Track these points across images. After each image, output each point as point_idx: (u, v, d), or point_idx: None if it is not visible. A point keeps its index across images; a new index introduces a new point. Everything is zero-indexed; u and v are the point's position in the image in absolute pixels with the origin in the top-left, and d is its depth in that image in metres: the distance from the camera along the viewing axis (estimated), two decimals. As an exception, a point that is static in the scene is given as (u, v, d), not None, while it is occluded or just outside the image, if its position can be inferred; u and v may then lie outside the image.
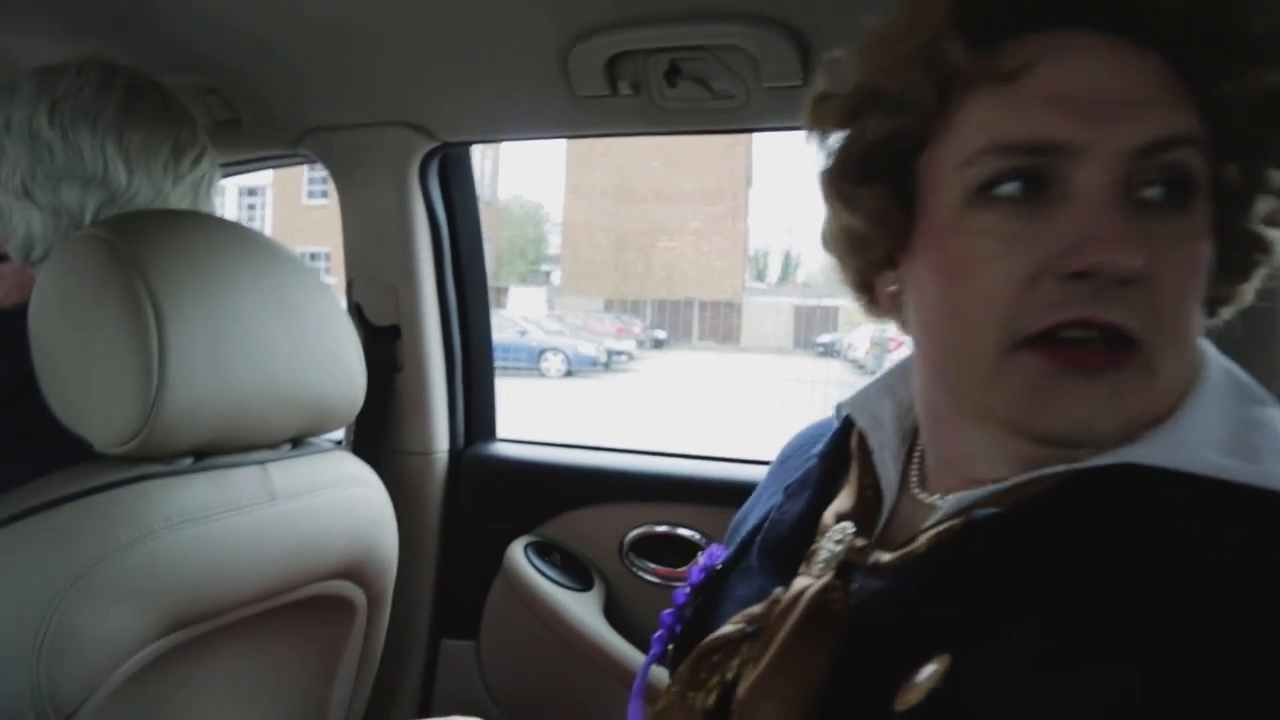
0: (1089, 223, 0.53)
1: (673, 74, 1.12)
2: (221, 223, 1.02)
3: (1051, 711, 0.47)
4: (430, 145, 1.41)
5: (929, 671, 0.51)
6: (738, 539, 0.79)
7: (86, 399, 0.88)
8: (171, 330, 0.87)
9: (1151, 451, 0.54)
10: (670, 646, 0.76)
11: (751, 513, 0.82)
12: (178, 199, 1.05)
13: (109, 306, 0.86)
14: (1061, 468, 0.56)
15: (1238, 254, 0.59)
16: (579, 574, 1.51)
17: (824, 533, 0.68)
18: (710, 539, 1.42)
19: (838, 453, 0.76)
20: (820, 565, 0.65)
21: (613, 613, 1.48)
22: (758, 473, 1.47)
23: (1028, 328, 0.54)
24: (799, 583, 0.64)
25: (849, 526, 0.66)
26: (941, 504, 0.62)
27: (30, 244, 1.00)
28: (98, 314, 0.87)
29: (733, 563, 0.77)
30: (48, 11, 1.12)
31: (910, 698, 0.51)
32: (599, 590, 1.50)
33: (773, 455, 1.50)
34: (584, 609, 1.45)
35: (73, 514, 0.84)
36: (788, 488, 0.78)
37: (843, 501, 0.70)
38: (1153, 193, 0.54)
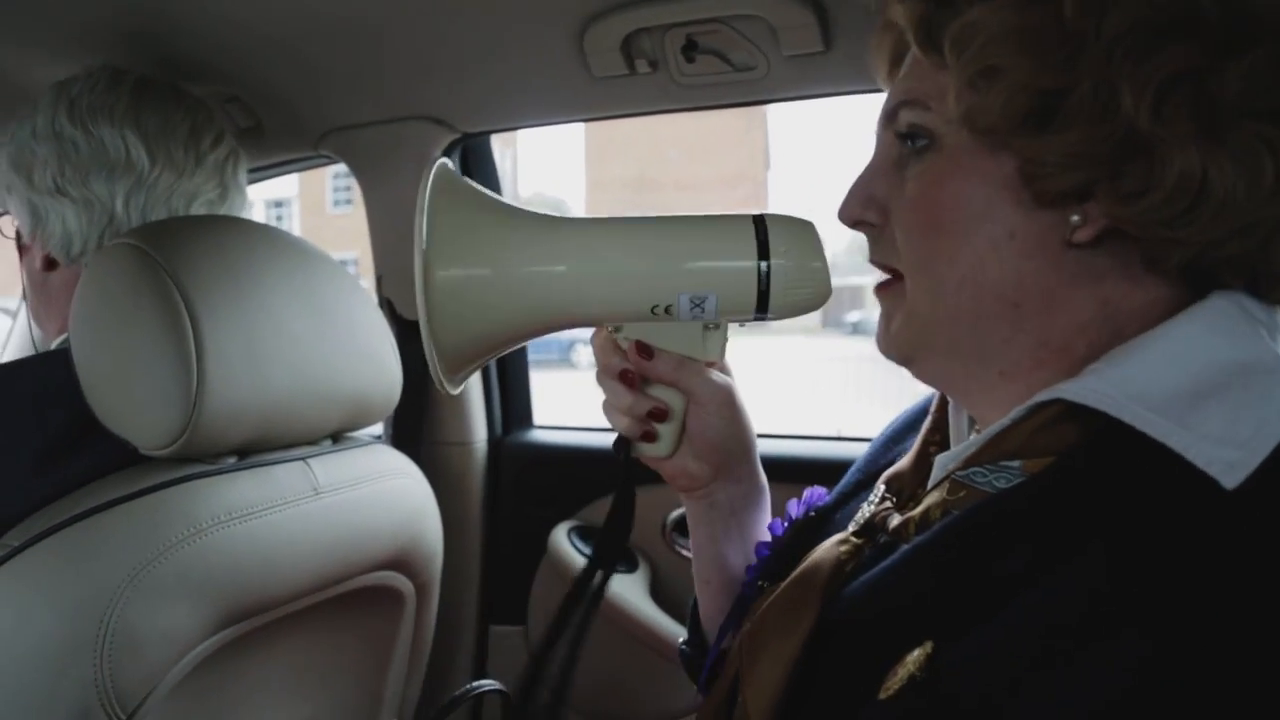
0: None
1: (690, 49, 1.11)
2: (250, 225, 1.03)
3: (1042, 704, 0.45)
4: (450, 137, 1.41)
5: (912, 658, 0.51)
6: (848, 484, 0.79)
7: (129, 403, 0.89)
8: (207, 332, 0.88)
9: (1090, 387, 0.53)
10: (761, 583, 0.74)
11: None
12: (203, 181, 1.08)
13: (145, 311, 0.87)
14: (1019, 412, 0.56)
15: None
16: (623, 555, 1.51)
17: (875, 492, 0.68)
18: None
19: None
20: (853, 524, 0.65)
21: (659, 593, 1.49)
22: (797, 447, 1.47)
23: None
24: (834, 539, 0.64)
25: (882, 487, 0.67)
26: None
27: (69, 241, 1.03)
28: (134, 319, 0.88)
29: (834, 507, 0.77)
30: (63, 28, 1.13)
31: (891, 685, 0.51)
32: (644, 571, 1.50)
33: (805, 430, 1.49)
34: (630, 590, 1.46)
35: (124, 515, 0.85)
36: (889, 442, 0.78)
37: (902, 461, 0.69)
38: (908, 147, 0.61)
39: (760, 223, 0.63)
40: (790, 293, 0.63)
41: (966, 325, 0.58)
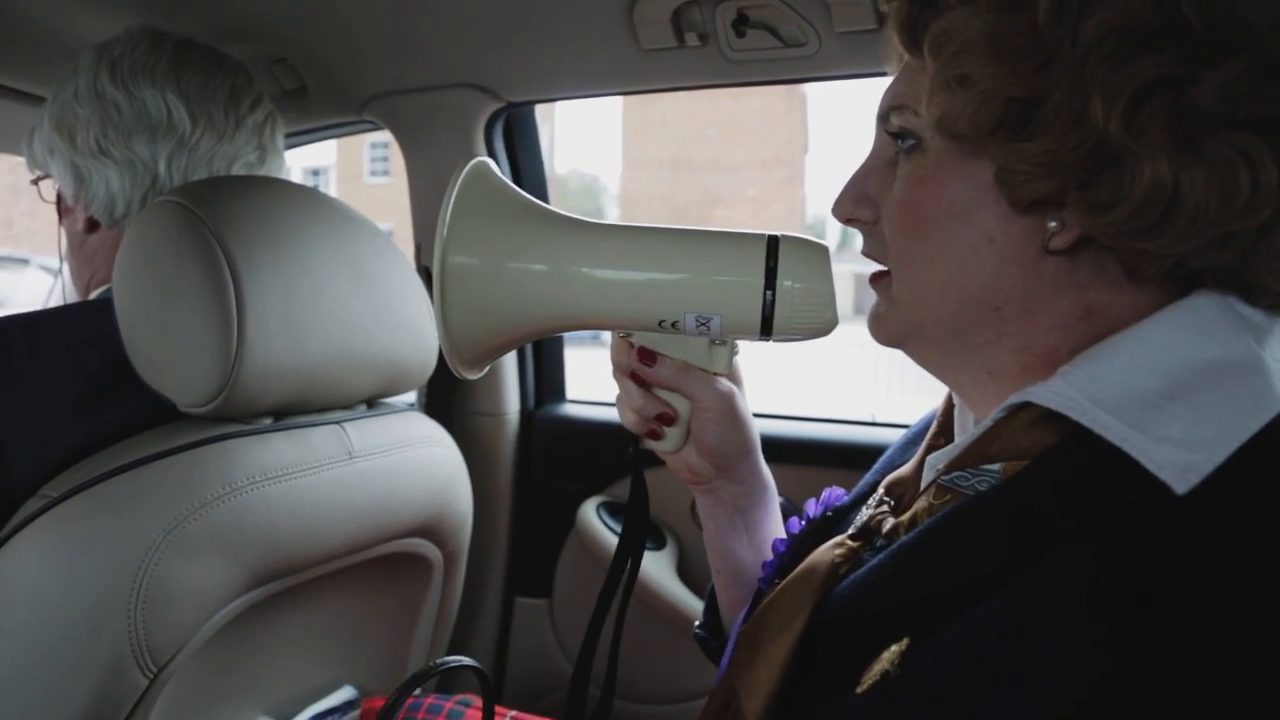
0: None
1: (740, 23, 1.09)
2: (293, 186, 1.03)
3: (1002, 705, 0.45)
4: (495, 106, 1.40)
5: (888, 653, 0.51)
6: (866, 484, 0.79)
7: (170, 360, 0.90)
8: (249, 292, 0.88)
9: (1054, 389, 0.52)
10: (777, 580, 0.76)
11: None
12: (243, 143, 1.08)
13: (188, 269, 0.88)
14: (997, 414, 0.56)
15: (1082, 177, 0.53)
16: (651, 533, 1.51)
17: (875, 496, 0.69)
18: (785, 499, 1.40)
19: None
20: (852, 528, 0.66)
21: (685, 571, 1.48)
22: (830, 431, 1.45)
23: None
24: (831, 542, 0.65)
25: (882, 492, 0.68)
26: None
27: (112, 202, 1.03)
28: (177, 277, 0.88)
29: (850, 508, 0.77)
30: None
31: (866, 679, 0.52)
32: (671, 549, 1.50)
33: (836, 414, 1.48)
34: (657, 568, 1.45)
35: (161, 471, 0.86)
36: (903, 448, 0.78)
37: (906, 466, 0.69)
38: (900, 146, 0.61)
39: (773, 245, 0.64)
40: (795, 320, 0.64)
41: (949, 326, 0.59)
